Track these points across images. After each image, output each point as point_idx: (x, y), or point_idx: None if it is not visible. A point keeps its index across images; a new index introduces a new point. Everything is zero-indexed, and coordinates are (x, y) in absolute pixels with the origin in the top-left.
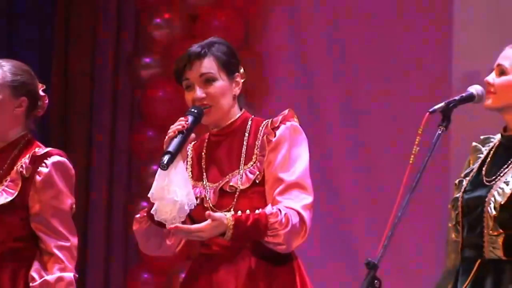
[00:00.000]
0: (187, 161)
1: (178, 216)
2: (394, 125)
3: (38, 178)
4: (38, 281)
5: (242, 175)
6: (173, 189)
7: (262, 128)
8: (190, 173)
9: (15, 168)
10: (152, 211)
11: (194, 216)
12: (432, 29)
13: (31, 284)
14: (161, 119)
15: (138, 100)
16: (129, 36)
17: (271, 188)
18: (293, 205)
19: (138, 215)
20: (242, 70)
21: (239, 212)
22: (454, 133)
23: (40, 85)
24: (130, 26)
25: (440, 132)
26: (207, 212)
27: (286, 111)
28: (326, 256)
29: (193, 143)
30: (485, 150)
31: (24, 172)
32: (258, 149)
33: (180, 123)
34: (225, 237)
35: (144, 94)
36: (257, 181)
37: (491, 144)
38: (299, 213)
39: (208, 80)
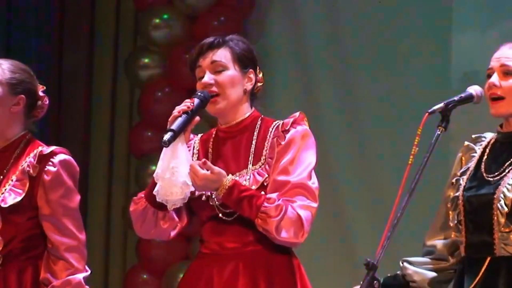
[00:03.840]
0: (192, 153)
1: (184, 196)
2: (394, 125)
3: (46, 177)
4: None
5: (250, 176)
6: (177, 169)
7: (272, 129)
8: None
9: (20, 167)
10: (154, 192)
11: (196, 209)
12: (431, 30)
13: None
14: (160, 119)
15: (137, 100)
16: (128, 36)
17: (276, 190)
18: (294, 204)
19: (135, 197)
20: (260, 74)
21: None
22: (453, 133)
23: (40, 86)
24: (129, 27)
25: (439, 132)
26: (203, 160)
27: (297, 114)
28: (326, 256)
29: (199, 135)
30: (478, 149)
31: (31, 171)
32: (267, 151)
33: (186, 104)
34: (216, 193)
35: (143, 95)
36: (265, 184)
37: (484, 143)
38: (297, 211)
39: (218, 68)
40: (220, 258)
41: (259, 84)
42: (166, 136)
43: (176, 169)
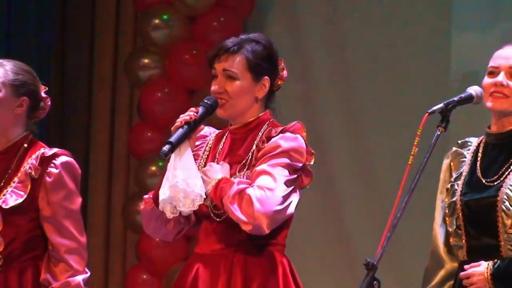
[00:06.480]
0: (204, 150)
1: (177, 202)
2: (393, 126)
3: (48, 179)
4: None
5: (241, 179)
6: (192, 181)
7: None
8: (204, 162)
9: (22, 169)
10: (160, 201)
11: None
12: (431, 30)
13: None
14: (160, 119)
15: (137, 100)
16: (128, 37)
17: None
18: (251, 186)
19: (146, 196)
20: (283, 72)
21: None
22: (453, 133)
23: (42, 87)
24: (129, 27)
25: (439, 132)
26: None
27: (293, 123)
28: (326, 256)
29: (216, 132)
30: (466, 153)
31: (33, 173)
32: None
33: (189, 114)
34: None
35: (143, 95)
36: None
37: (471, 147)
38: (246, 191)
39: (229, 77)
40: (207, 258)
41: (279, 82)
42: (164, 149)
43: (191, 181)
